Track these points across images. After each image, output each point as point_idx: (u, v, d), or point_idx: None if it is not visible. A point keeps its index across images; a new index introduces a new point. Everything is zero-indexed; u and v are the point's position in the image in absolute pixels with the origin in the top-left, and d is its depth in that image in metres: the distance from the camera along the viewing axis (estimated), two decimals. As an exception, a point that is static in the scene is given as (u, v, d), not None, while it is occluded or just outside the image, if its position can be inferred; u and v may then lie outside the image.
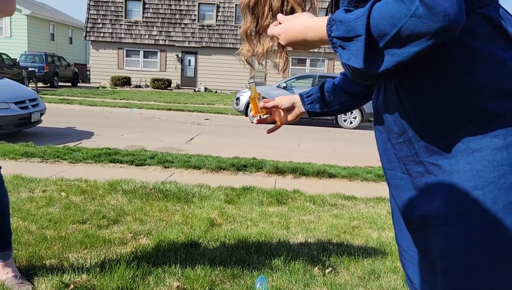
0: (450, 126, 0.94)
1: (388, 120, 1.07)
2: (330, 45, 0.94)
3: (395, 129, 1.05)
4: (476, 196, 0.91)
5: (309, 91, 1.49)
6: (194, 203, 4.00)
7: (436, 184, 0.97)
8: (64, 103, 15.23)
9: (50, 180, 4.57)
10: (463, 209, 0.92)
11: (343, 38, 0.89)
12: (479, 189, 0.91)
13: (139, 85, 27.49)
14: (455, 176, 0.93)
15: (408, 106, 0.99)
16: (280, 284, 2.40)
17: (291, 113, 1.51)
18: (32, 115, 7.73)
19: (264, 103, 1.49)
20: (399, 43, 0.83)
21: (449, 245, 0.94)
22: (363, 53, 0.86)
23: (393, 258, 2.89)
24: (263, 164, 5.95)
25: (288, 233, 3.32)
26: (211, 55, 27.47)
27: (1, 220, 2.27)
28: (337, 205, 4.25)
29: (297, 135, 10.14)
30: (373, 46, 0.85)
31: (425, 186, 1.00)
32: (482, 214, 0.91)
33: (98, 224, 3.26)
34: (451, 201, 0.94)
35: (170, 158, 6.07)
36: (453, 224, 0.93)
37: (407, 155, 1.04)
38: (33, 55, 23.57)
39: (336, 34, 0.91)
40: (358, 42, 0.86)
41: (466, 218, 0.92)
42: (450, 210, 0.94)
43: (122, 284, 2.29)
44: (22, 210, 3.46)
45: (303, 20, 1.04)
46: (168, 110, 14.96)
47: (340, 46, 0.91)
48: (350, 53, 0.89)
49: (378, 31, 0.84)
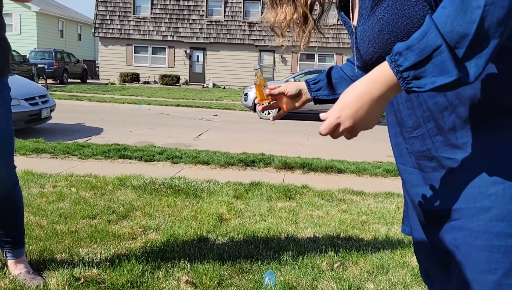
0: (471, 121, 0.93)
1: (402, 113, 1.05)
2: (402, 85, 0.84)
3: (409, 123, 1.04)
4: (496, 190, 0.90)
5: (316, 78, 1.46)
6: (202, 198, 4.02)
7: (453, 179, 0.96)
8: (74, 99, 15.33)
9: (60, 176, 4.61)
10: (483, 204, 0.92)
11: (417, 64, 0.80)
12: (500, 184, 0.90)
13: (147, 81, 27.57)
14: (475, 170, 0.93)
15: (428, 99, 0.98)
16: (288, 279, 2.40)
17: (297, 100, 1.48)
18: (42, 111, 7.80)
19: (270, 90, 1.45)
20: (482, 39, 0.77)
21: (468, 240, 0.93)
22: (452, 61, 0.78)
23: (402, 253, 2.88)
24: (271, 160, 5.95)
25: (296, 228, 3.33)
26: (220, 51, 27.46)
27: (15, 219, 2.30)
28: (346, 200, 4.24)
29: (305, 131, 10.12)
30: (455, 57, 0.79)
31: (440, 181, 0.99)
32: (503, 208, 0.90)
33: (108, 219, 3.29)
34: (470, 196, 0.93)
35: (179, 154, 6.10)
36: (473, 219, 0.93)
37: (419, 150, 1.03)
38: (43, 51, 23.72)
39: (407, 65, 0.81)
40: (437, 56, 0.79)
41: (486, 213, 0.91)
42: (469, 204, 0.93)
43: (131, 278, 2.32)
44: (33, 205, 3.50)
45: (354, 90, 0.91)
46: (177, 106, 15.00)
47: (414, 78, 0.82)
48: (432, 74, 0.80)
49: (456, 35, 0.77)
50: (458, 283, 0.98)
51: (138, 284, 2.28)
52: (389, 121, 1.13)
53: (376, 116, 0.90)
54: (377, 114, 0.90)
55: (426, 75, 0.81)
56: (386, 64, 0.85)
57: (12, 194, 2.23)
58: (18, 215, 2.31)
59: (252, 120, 12.20)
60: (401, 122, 1.07)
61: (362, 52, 1.04)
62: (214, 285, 2.31)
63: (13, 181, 2.22)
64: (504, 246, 0.90)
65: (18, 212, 2.30)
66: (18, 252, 2.33)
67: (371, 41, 0.99)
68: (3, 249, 2.32)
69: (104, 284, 2.26)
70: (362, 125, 0.91)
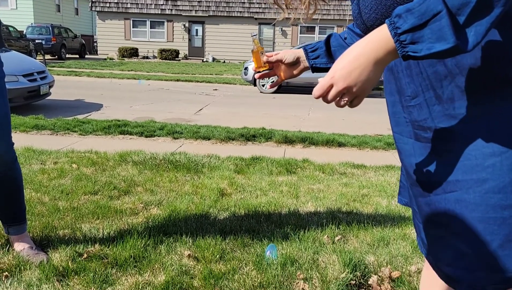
0: (470, 91, 0.91)
1: (401, 81, 1.04)
2: (398, 49, 0.82)
3: (408, 91, 1.02)
4: (494, 162, 0.89)
5: (315, 45, 1.43)
6: (203, 173, 4.03)
7: (449, 150, 0.95)
8: (72, 75, 15.22)
9: (61, 152, 4.61)
10: (479, 176, 0.91)
11: (415, 27, 0.79)
12: (497, 156, 0.89)
13: (146, 56, 27.31)
14: (472, 142, 0.91)
15: (427, 67, 0.96)
16: (290, 252, 2.42)
17: (295, 68, 1.45)
18: (41, 87, 7.75)
19: (267, 57, 1.42)
20: (485, 7, 0.75)
21: (464, 212, 0.93)
22: (451, 28, 0.76)
23: (402, 225, 2.90)
24: (272, 134, 5.94)
25: (297, 202, 3.34)
26: (219, 24, 27.09)
27: (15, 195, 2.30)
28: (347, 174, 4.24)
29: (306, 104, 10.08)
30: (455, 23, 0.77)
31: (436, 152, 0.99)
32: (499, 181, 0.89)
33: (110, 195, 3.30)
34: (467, 167, 0.92)
35: (179, 129, 6.08)
36: (469, 191, 0.92)
37: (416, 119, 1.02)
38: (40, 27, 23.42)
39: (406, 27, 0.80)
40: (436, 22, 0.77)
41: (482, 185, 0.91)
42: (466, 176, 0.92)
43: (134, 253, 2.33)
44: (35, 182, 3.50)
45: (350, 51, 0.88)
46: (176, 81, 14.89)
47: (411, 43, 0.80)
48: (430, 40, 0.79)
49: (458, 1, 0.76)
50: (454, 254, 0.98)
51: (140, 259, 2.30)
52: (388, 89, 1.11)
53: (371, 80, 0.87)
54: (371, 78, 0.87)
55: (423, 40, 0.79)
56: (385, 27, 0.83)
57: (12, 171, 2.23)
58: (18, 192, 2.31)
59: (252, 95, 12.13)
60: (400, 91, 1.05)
61: (364, 18, 1.02)
62: (216, 259, 2.33)
63: (12, 158, 2.21)
64: (500, 217, 0.90)
65: (18, 189, 2.30)
66: (21, 228, 2.34)
67: (373, 7, 0.97)
68: (5, 225, 2.34)
69: (107, 259, 2.27)
70: (355, 88, 0.88)
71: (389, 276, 2.21)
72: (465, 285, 0.98)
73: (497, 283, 0.94)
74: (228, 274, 2.18)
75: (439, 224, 1.00)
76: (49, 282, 2.04)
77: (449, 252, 0.99)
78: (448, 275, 1.01)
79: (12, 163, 2.22)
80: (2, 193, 2.25)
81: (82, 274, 2.12)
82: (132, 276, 2.14)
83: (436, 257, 1.04)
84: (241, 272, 2.21)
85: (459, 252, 0.96)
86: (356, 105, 0.93)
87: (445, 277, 1.03)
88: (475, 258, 0.94)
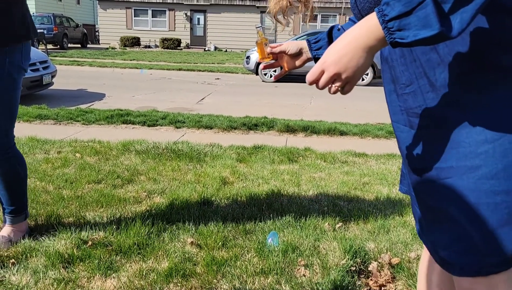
0: (463, 79, 0.93)
1: (396, 70, 1.06)
2: (386, 35, 0.84)
3: (402, 79, 1.04)
4: (486, 149, 0.91)
5: (317, 36, 1.46)
6: (206, 162, 4.06)
7: (443, 137, 0.97)
8: (75, 65, 15.22)
9: (64, 142, 4.64)
10: (473, 163, 0.93)
11: (402, 15, 0.81)
12: (490, 143, 0.91)
13: (148, 45, 27.24)
14: (465, 129, 0.93)
15: (420, 55, 0.98)
16: (291, 239, 2.46)
17: (298, 59, 1.48)
18: (44, 77, 7.77)
19: (271, 48, 1.46)
20: None
21: (458, 198, 0.96)
22: (435, 15, 0.78)
23: (402, 213, 2.93)
24: (274, 123, 5.95)
25: (299, 190, 3.37)
26: (221, 13, 26.97)
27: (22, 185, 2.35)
28: (348, 162, 4.27)
29: (308, 93, 10.07)
30: (440, 11, 0.79)
31: (431, 139, 1.01)
32: (492, 167, 0.91)
33: (113, 184, 3.34)
34: (461, 154, 0.94)
35: (182, 118, 6.11)
36: (463, 177, 0.94)
37: (411, 107, 1.04)
38: (41, 16, 23.36)
39: (393, 15, 0.82)
40: (422, 9, 0.79)
41: (475, 171, 0.93)
42: (459, 163, 0.95)
43: (138, 240, 2.37)
44: (39, 171, 3.54)
45: (341, 38, 0.91)
46: (178, 70, 14.88)
47: (398, 30, 0.83)
48: (415, 27, 0.81)
49: None
50: (449, 238, 1.01)
51: (144, 246, 2.34)
52: (385, 78, 1.14)
53: (360, 66, 0.90)
54: (361, 64, 0.90)
55: (409, 27, 0.81)
56: (375, 14, 0.86)
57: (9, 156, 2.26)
58: (15, 183, 2.34)
59: (254, 84, 12.12)
60: (395, 79, 1.08)
61: (360, 8, 1.05)
62: (218, 246, 2.36)
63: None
64: (492, 203, 0.92)
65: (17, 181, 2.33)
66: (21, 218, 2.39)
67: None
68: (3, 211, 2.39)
69: (111, 247, 2.31)
70: (345, 74, 0.91)
71: (388, 263, 2.24)
72: (459, 268, 1.01)
73: (490, 266, 0.97)
74: (230, 260, 2.22)
75: (434, 209, 1.03)
76: (55, 269, 2.08)
77: (445, 236, 1.02)
78: (443, 259, 1.04)
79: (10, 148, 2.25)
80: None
81: (87, 261, 2.16)
82: (136, 263, 2.18)
83: (432, 242, 1.07)
84: (243, 259, 2.25)
85: (454, 237, 0.99)
86: (348, 91, 0.95)
87: (440, 260, 1.06)
88: (468, 242, 0.97)
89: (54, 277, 2.02)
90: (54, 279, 2.00)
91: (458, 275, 1.03)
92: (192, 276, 2.08)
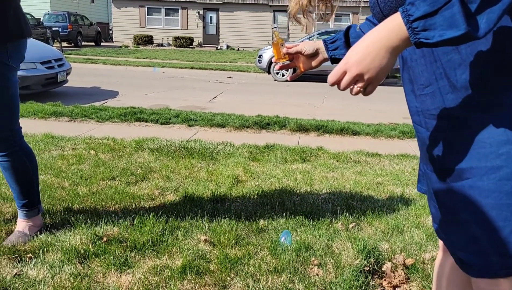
0: (485, 80, 0.92)
1: (415, 70, 1.05)
2: (411, 36, 0.83)
3: (421, 80, 1.04)
4: (508, 150, 0.91)
5: (334, 37, 1.45)
6: (218, 160, 4.07)
7: (463, 138, 0.97)
8: (89, 62, 15.36)
9: (79, 139, 4.69)
10: (494, 163, 0.92)
11: (427, 15, 0.80)
12: (511, 144, 0.91)
13: (161, 43, 27.37)
14: (486, 129, 0.93)
15: (442, 56, 0.97)
16: (304, 238, 2.46)
17: (314, 59, 1.47)
18: (59, 75, 7.85)
19: (287, 49, 1.45)
20: None
21: (478, 199, 0.95)
22: (462, 15, 0.77)
23: (416, 213, 2.91)
24: (286, 122, 5.95)
25: (311, 189, 3.37)
26: (233, 12, 26.98)
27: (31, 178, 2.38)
28: (361, 162, 4.25)
29: (320, 93, 10.04)
30: (466, 11, 0.78)
31: (449, 141, 1.00)
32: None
33: (127, 181, 3.36)
34: (482, 155, 0.94)
35: (194, 117, 6.13)
36: (483, 178, 0.94)
37: (428, 108, 1.03)
38: (56, 14, 23.60)
39: (418, 15, 0.81)
40: (448, 9, 0.78)
41: (496, 172, 0.92)
42: (480, 164, 0.94)
43: (152, 237, 2.39)
44: (54, 167, 3.59)
45: (365, 38, 0.89)
46: (191, 68, 14.93)
47: (423, 30, 0.81)
48: (441, 28, 0.80)
49: None
50: (467, 239, 1.00)
51: (158, 243, 2.36)
52: (404, 78, 1.13)
53: (383, 67, 0.88)
54: (384, 65, 0.88)
55: (435, 27, 0.80)
56: (398, 14, 0.85)
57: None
58: (23, 178, 2.37)
59: (266, 82, 12.12)
60: (412, 80, 1.07)
61: (381, 7, 1.04)
62: (231, 244, 2.37)
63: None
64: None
65: (26, 174, 2.36)
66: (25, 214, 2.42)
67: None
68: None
69: (126, 243, 2.34)
70: (368, 75, 0.89)
71: (403, 263, 2.23)
72: (477, 269, 1.00)
73: (509, 268, 0.97)
74: (243, 259, 2.22)
75: (453, 209, 1.02)
76: (71, 264, 2.11)
77: (463, 237, 1.01)
78: (461, 260, 1.04)
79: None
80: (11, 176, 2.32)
81: (103, 256, 2.19)
82: (151, 259, 2.20)
83: (450, 242, 1.07)
84: (256, 257, 2.26)
85: (472, 237, 0.98)
86: (370, 92, 0.94)
87: (458, 261, 1.05)
88: (487, 244, 0.96)
89: (70, 272, 2.04)
90: (70, 274, 2.03)
91: (476, 277, 1.02)
92: (205, 274, 2.10)
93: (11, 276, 2.01)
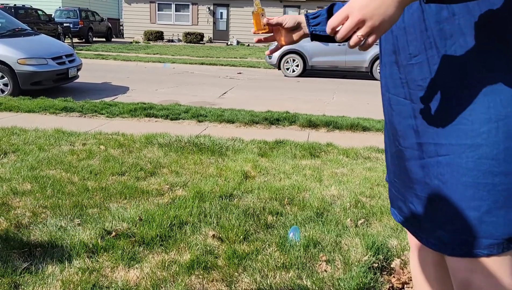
0: (473, 53, 0.90)
1: (401, 39, 1.02)
2: None
3: (410, 49, 1.00)
4: (489, 128, 0.89)
5: (317, 12, 1.38)
6: (228, 156, 4.07)
7: (445, 113, 0.94)
8: (99, 58, 15.43)
9: (89, 134, 4.72)
10: (474, 141, 0.91)
11: None
12: (493, 122, 0.89)
13: (171, 39, 27.42)
14: (470, 106, 0.91)
15: (433, 25, 0.94)
16: (312, 234, 2.45)
17: (295, 33, 1.38)
18: (69, 70, 7.90)
19: (268, 19, 1.38)
20: None
21: (455, 176, 0.93)
22: None
23: (426, 210, 2.88)
24: (296, 118, 5.93)
25: (321, 185, 3.35)
26: (243, 7, 26.92)
27: None
28: (371, 158, 4.22)
29: (330, 88, 9.99)
30: None
31: (431, 114, 0.97)
32: (493, 147, 0.89)
33: (136, 176, 3.38)
34: (462, 132, 0.92)
35: (204, 112, 6.13)
36: (462, 155, 0.92)
37: (415, 79, 1.00)
38: (68, 10, 23.73)
39: None
40: None
41: (476, 150, 0.90)
42: (460, 141, 0.92)
43: (160, 232, 2.40)
44: (64, 162, 3.61)
45: None
46: (201, 64, 14.94)
47: None
48: None
49: None
50: (443, 217, 0.98)
51: (166, 238, 2.37)
52: (385, 49, 1.09)
53: (388, 16, 0.82)
54: (389, 15, 0.82)
55: None
56: None
57: None
58: None
59: (276, 78, 12.09)
60: (397, 50, 1.04)
61: None
62: (240, 240, 2.37)
63: None
64: (490, 184, 0.90)
65: None
66: None
67: None
68: None
69: (134, 238, 2.35)
70: (371, 21, 0.83)
71: (412, 260, 2.21)
72: (450, 248, 0.99)
73: (482, 248, 0.95)
74: (251, 254, 2.22)
75: (430, 187, 1.00)
76: (80, 258, 2.12)
77: (440, 215, 0.99)
78: (438, 238, 1.01)
79: None
80: None
81: (111, 251, 2.20)
82: (159, 255, 2.21)
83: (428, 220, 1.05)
84: (264, 253, 2.25)
85: (449, 216, 0.97)
86: (369, 46, 0.86)
87: (432, 240, 1.03)
88: (463, 222, 0.94)
89: (79, 266, 2.06)
90: (79, 268, 2.04)
91: (450, 255, 1.01)
92: (213, 269, 2.10)
93: (20, 270, 2.02)
